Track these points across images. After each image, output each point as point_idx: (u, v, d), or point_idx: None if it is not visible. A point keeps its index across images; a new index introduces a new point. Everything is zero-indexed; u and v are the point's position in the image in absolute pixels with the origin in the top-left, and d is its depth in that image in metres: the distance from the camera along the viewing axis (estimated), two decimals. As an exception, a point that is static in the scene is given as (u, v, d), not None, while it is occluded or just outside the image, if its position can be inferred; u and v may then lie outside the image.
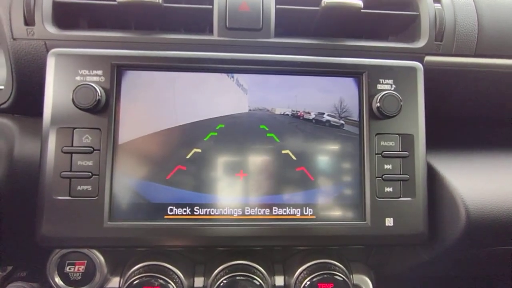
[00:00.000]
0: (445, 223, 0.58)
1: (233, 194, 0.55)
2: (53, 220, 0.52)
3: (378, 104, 0.55)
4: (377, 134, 0.57)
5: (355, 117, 0.58)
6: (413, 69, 0.59)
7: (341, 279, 0.63)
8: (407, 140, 0.58)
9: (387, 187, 0.57)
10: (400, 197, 0.57)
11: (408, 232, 0.56)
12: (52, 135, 0.53)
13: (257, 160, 0.56)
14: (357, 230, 0.56)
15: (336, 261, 0.66)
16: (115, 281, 0.65)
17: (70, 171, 0.53)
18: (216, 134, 0.55)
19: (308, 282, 0.63)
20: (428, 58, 0.62)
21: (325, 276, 0.63)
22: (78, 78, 0.53)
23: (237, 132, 0.56)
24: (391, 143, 0.57)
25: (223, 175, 0.55)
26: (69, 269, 0.63)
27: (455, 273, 0.95)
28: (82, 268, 0.64)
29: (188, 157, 0.55)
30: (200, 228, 0.54)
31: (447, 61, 0.62)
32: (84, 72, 0.53)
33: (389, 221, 0.56)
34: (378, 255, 0.71)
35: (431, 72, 0.61)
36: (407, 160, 0.57)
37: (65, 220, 0.52)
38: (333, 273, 0.63)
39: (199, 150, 0.55)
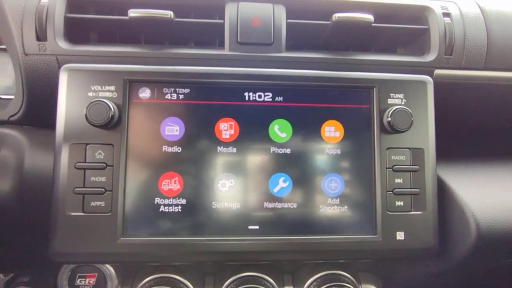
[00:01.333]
0: (456, 237, 0.58)
1: (245, 209, 0.55)
2: (66, 236, 0.52)
3: (389, 119, 0.56)
4: (388, 148, 0.57)
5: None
6: (423, 83, 0.59)
7: (351, 291, 0.63)
8: (418, 154, 0.58)
9: (398, 201, 0.57)
10: (411, 211, 0.57)
11: (418, 246, 0.57)
12: (65, 151, 0.53)
13: None
14: (368, 244, 0.56)
15: (345, 272, 0.67)
16: (125, 294, 0.65)
17: (84, 187, 0.53)
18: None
19: (318, 294, 0.63)
20: (437, 71, 0.62)
21: (335, 287, 0.63)
22: (90, 94, 0.53)
23: (252, 147, 0.56)
24: (401, 157, 0.58)
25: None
26: (80, 281, 0.64)
27: (464, 284, 0.96)
28: (93, 280, 0.64)
29: None
30: (211, 244, 0.54)
31: (457, 74, 0.63)
32: (97, 87, 0.54)
33: (400, 235, 0.56)
34: (387, 266, 0.72)
35: (440, 85, 0.61)
36: (418, 174, 0.58)
37: (79, 236, 0.52)
38: (342, 285, 0.64)
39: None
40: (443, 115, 0.61)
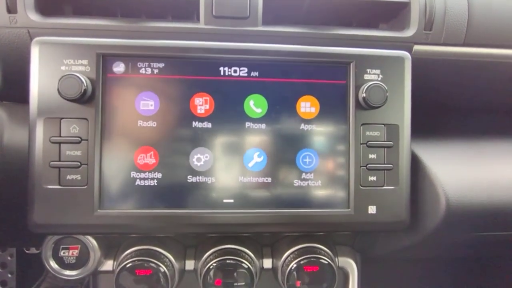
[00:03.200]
0: (426, 211, 0.60)
1: (220, 183, 0.56)
2: (44, 208, 0.53)
3: (364, 95, 0.56)
4: (363, 124, 0.58)
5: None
6: (401, 59, 0.59)
7: (326, 262, 0.66)
8: (392, 130, 0.59)
9: (371, 176, 0.58)
10: (383, 186, 0.58)
11: (390, 219, 0.58)
12: (40, 125, 0.53)
13: None
14: (341, 217, 0.57)
15: (322, 245, 0.69)
16: (109, 264, 0.67)
17: (59, 160, 0.53)
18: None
19: (295, 265, 0.65)
20: (416, 47, 0.62)
21: (311, 259, 0.65)
22: (63, 68, 0.53)
23: (227, 122, 0.56)
24: (376, 133, 0.58)
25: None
26: (64, 253, 0.65)
27: (437, 255, 0.99)
28: (76, 252, 0.66)
29: None
30: (187, 216, 0.55)
31: (436, 50, 0.62)
32: (69, 61, 0.53)
33: (372, 209, 0.58)
34: (364, 239, 0.74)
35: (419, 61, 0.61)
36: (392, 150, 0.59)
37: (56, 208, 0.53)
38: (319, 257, 0.66)
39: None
40: (421, 91, 0.61)
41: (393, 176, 0.59)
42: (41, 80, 0.53)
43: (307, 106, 0.58)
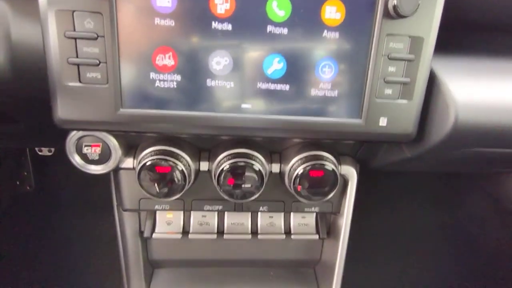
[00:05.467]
0: (434, 125, 0.62)
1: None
2: (68, 104, 0.55)
3: (395, 2, 0.52)
4: (388, 34, 0.56)
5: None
6: (440, -38, 0.54)
7: (330, 168, 0.71)
8: (417, 43, 0.57)
9: (387, 89, 0.59)
10: (397, 99, 0.60)
11: (398, 132, 0.61)
12: (52, 18, 0.51)
13: None
14: (353, 127, 0.60)
15: (328, 154, 0.73)
16: (129, 161, 0.72)
17: (77, 57, 0.53)
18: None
19: (301, 170, 0.71)
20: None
21: (316, 165, 0.71)
22: None
23: (248, 25, 0.54)
24: (399, 45, 0.57)
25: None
26: (86, 149, 0.69)
27: (433, 170, 1.07)
28: (98, 149, 0.70)
29: None
30: (206, 118, 0.57)
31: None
32: None
33: (383, 121, 0.60)
34: (366, 151, 0.79)
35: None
36: (412, 64, 0.58)
37: (80, 104, 0.55)
38: (324, 163, 0.71)
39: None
40: (452, 3, 0.57)
41: (409, 90, 0.59)
42: None
43: (332, 11, 0.55)
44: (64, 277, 1.48)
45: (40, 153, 1.56)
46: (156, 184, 0.68)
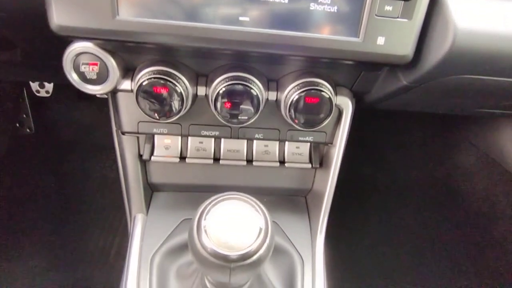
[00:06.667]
0: (431, 48, 0.62)
1: None
2: (64, 9, 0.54)
3: None
4: None
5: None
6: None
7: (327, 96, 0.72)
8: None
9: (387, 6, 0.58)
10: (397, 17, 0.59)
11: (395, 52, 0.61)
12: None
13: None
14: (350, 45, 0.60)
15: (325, 81, 0.74)
16: (127, 83, 0.72)
17: None
18: None
19: (297, 96, 0.72)
20: None
21: (312, 91, 0.72)
22: None
23: None
24: None
25: None
26: (84, 68, 0.69)
27: (425, 109, 1.08)
28: (96, 68, 0.70)
29: None
30: (205, 29, 0.57)
31: None
32: None
33: (380, 40, 0.60)
34: (362, 82, 0.79)
35: None
36: (415, -21, 0.57)
37: (76, 10, 0.54)
38: (320, 89, 0.72)
39: None
40: None
41: (410, 8, 0.58)
42: None
43: None
44: (64, 218, 1.54)
45: (37, 94, 1.56)
46: (154, 104, 0.70)
